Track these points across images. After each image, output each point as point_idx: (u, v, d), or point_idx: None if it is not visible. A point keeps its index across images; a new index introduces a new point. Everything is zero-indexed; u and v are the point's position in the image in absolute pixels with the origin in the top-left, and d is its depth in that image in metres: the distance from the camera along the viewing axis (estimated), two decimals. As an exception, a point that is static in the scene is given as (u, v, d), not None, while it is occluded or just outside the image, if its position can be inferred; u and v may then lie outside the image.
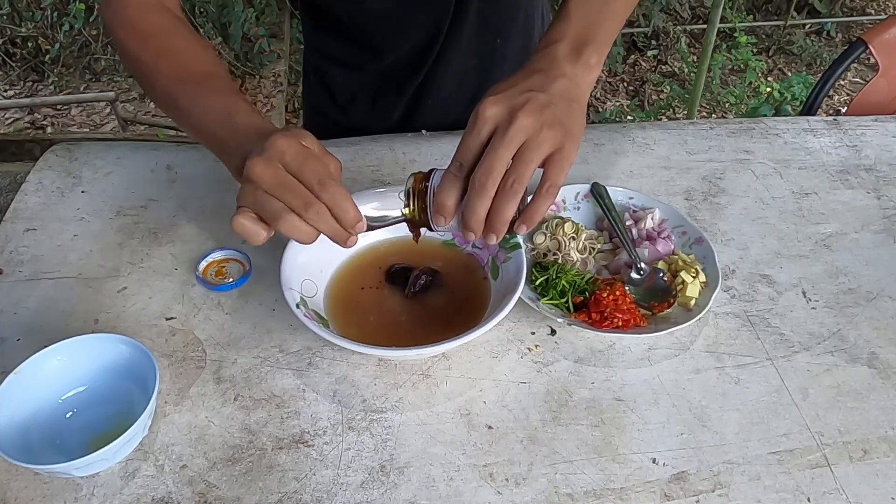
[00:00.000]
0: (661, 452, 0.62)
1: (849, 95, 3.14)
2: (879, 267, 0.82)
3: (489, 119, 0.55)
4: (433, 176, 0.60)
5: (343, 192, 0.57)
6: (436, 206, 0.58)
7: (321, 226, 0.56)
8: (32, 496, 0.58)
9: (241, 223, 0.57)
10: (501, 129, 0.55)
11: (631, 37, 3.33)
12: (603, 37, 0.62)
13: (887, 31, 1.26)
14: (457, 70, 0.99)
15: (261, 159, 0.56)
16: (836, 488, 0.60)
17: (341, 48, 1.00)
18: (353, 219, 0.57)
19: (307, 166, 0.56)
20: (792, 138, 1.02)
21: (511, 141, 0.54)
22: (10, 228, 0.83)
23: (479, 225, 0.57)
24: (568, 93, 0.58)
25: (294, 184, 0.56)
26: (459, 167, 0.57)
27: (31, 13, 2.95)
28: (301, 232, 0.56)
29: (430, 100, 1.01)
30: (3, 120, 2.86)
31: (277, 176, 0.55)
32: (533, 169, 0.55)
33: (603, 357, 0.70)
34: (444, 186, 0.58)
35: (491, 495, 0.59)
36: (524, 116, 0.54)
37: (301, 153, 0.56)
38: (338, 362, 0.69)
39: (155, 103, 0.78)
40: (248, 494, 0.58)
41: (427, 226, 0.62)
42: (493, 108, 0.55)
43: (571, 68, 0.59)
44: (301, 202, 0.55)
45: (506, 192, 0.55)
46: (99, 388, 0.63)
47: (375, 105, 1.03)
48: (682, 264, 0.76)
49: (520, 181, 0.55)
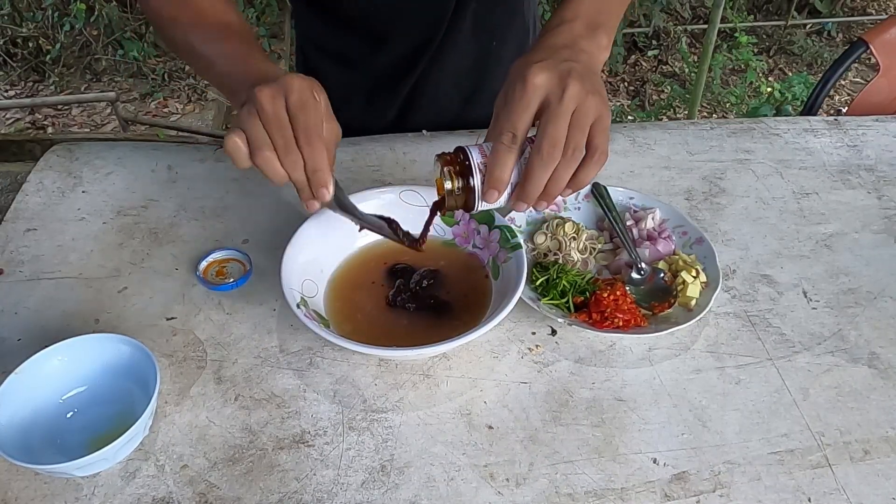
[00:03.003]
0: (661, 452, 0.62)
1: (849, 95, 3.14)
2: (880, 267, 0.82)
3: (540, 87, 0.55)
4: (470, 152, 0.59)
5: (322, 155, 0.58)
6: (492, 180, 0.58)
7: (293, 174, 0.58)
8: (33, 496, 0.58)
9: (235, 142, 0.58)
10: (556, 98, 0.55)
11: (632, 37, 3.33)
12: (611, 22, 0.64)
13: (888, 31, 1.25)
14: (452, 70, 0.99)
15: (269, 88, 0.57)
16: (836, 488, 0.60)
17: (336, 41, 0.99)
18: (319, 183, 0.58)
19: (305, 114, 0.57)
20: (792, 138, 1.02)
21: (568, 109, 0.55)
22: (10, 228, 0.83)
23: (538, 193, 0.58)
24: (593, 66, 0.60)
25: (286, 124, 0.57)
26: (513, 138, 0.57)
27: (32, 13, 2.96)
28: (274, 172, 0.58)
29: (425, 99, 1.01)
30: (4, 120, 2.87)
31: (276, 110, 0.56)
32: (586, 135, 0.56)
33: (603, 357, 0.70)
34: (500, 159, 0.57)
35: (491, 495, 0.59)
36: (573, 84, 0.55)
37: (306, 99, 0.57)
38: (338, 362, 0.69)
39: (174, 52, 0.80)
40: (249, 494, 0.58)
41: (467, 206, 0.61)
42: (541, 75, 0.55)
43: (588, 45, 0.61)
44: (284, 144, 0.56)
45: (567, 160, 0.56)
46: (99, 388, 0.63)
47: (370, 104, 1.03)
48: (682, 264, 0.76)
49: (579, 148, 0.56)
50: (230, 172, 0.92)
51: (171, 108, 2.98)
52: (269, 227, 0.83)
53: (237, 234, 0.83)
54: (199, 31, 0.70)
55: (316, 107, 0.58)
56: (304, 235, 0.71)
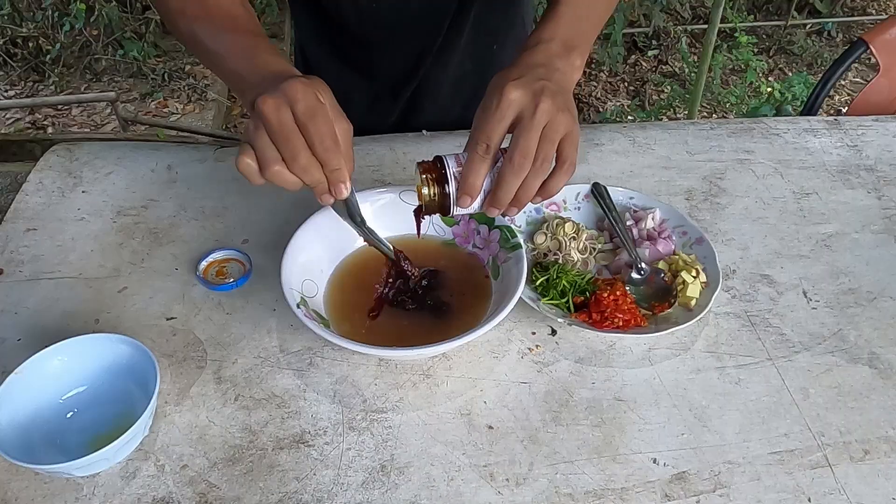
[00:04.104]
0: (661, 452, 0.62)
1: (850, 95, 3.13)
2: (880, 267, 0.82)
3: (514, 102, 0.59)
4: (446, 161, 0.62)
5: (339, 157, 0.58)
6: (466, 186, 0.61)
7: (307, 179, 0.58)
8: (33, 496, 0.58)
9: (245, 163, 0.58)
10: (528, 113, 0.58)
11: (632, 37, 3.33)
12: (585, 45, 0.68)
13: (888, 31, 1.25)
14: (453, 74, 0.99)
15: (272, 99, 0.56)
16: (836, 488, 0.60)
17: (336, 45, 0.99)
18: (338, 179, 0.59)
19: (315, 123, 0.56)
20: (792, 138, 1.02)
21: (539, 123, 0.58)
22: (10, 228, 0.83)
23: (508, 200, 0.61)
24: (566, 85, 0.64)
25: (294, 135, 0.56)
26: (486, 149, 0.60)
27: (32, 13, 2.96)
28: (286, 182, 0.58)
29: (427, 103, 1.01)
30: (4, 120, 2.86)
31: (282, 121, 0.56)
32: (555, 148, 0.60)
33: (603, 357, 0.70)
34: (473, 167, 0.61)
35: (491, 495, 0.59)
36: (545, 101, 0.58)
37: (313, 107, 0.57)
38: (338, 362, 0.69)
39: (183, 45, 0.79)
40: (249, 494, 0.58)
41: (443, 211, 0.64)
42: (515, 91, 0.59)
43: (563, 65, 0.64)
44: (292, 155, 0.56)
45: (536, 170, 0.60)
46: (99, 388, 0.63)
47: (372, 108, 1.03)
48: (682, 264, 0.76)
49: (547, 160, 0.60)
50: (230, 172, 0.92)
51: (171, 108, 2.98)
52: (269, 227, 0.83)
53: (237, 234, 0.83)
54: (205, 24, 0.69)
55: (324, 112, 0.57)
56: (304, 235, 0.71)
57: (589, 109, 3.03)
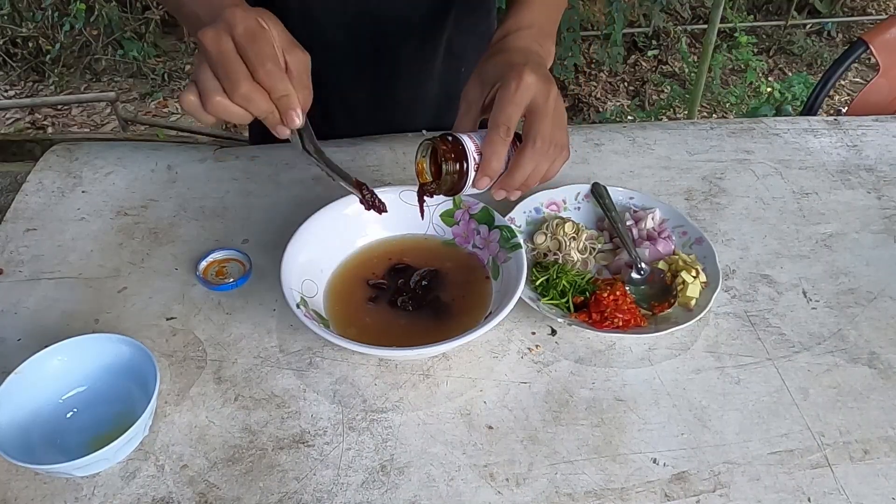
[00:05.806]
0: (661, 452, 0.62)
1: (849, 95, 3.14)
2: (880, 267, 0.82)
3: (531, 87, 0.62)
4: (464, 140, 0.64)
5: (284, 80, 0.55)
6: (487, 168, 0.63)
7: (251, 108, 0.55)
8: (33, 496, 0.58)
9: (189, 100, 0.55)
10: (542, 98, 0.62)
11: (632, 37, 3.33)
12: (555, 31, 0.74)
13: (888, 31, 1.25)
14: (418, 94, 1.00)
15: (212, 30, 0.53)
16: (836, 488, 0.60)
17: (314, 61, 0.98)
18: (287, 106, 0.55)
19: (254, 44, 0.53)
20: (792, 138, 1.02)
21: (551, 108, 0.63)
22: (10, 228, 0.83)
23: (522, 182, 0.64)
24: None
25: (232, 61, 0.53)
26: (507, 131, 0.62)
27: (32, 13, 2.96)
28: (231, 115, 0.55)
29: (420, 106, 1.02)
30: (4, 120, 2.87)
31: (221, 50, 0.53)
32: (566, 133, 0.66)
33: (603, 357, 0.70)
34: (495, 150, 0.63)
35: (491, 495, 0.59)
36: (554, 87, 0.63)
37: (252, 29, 0.54)
38: (338, 362, 0.69)
39: None
40: (249, 494, 0.58)
41: (454, 190, 0.66)
42: (531, 77, 0.62)
43: (543, 52, 0.69)
44: (231, 83, 0.53)
45: (549, 154, 0.64)
46: (99, 388, 0.63)
47: (362, 114, 1.02)
48: (682, 264, 0.76)
49: (559, 145, 0.65)
50: (230, 172, 0.92)
51: (170, 108, 2.98)
52: (269, 227, 0.83)
53: (237, 234, 0.83)
54: None
55: (265, 36, 0.54)
56: (304, 235, 0.71)
57: (589, 109, 3.03)
